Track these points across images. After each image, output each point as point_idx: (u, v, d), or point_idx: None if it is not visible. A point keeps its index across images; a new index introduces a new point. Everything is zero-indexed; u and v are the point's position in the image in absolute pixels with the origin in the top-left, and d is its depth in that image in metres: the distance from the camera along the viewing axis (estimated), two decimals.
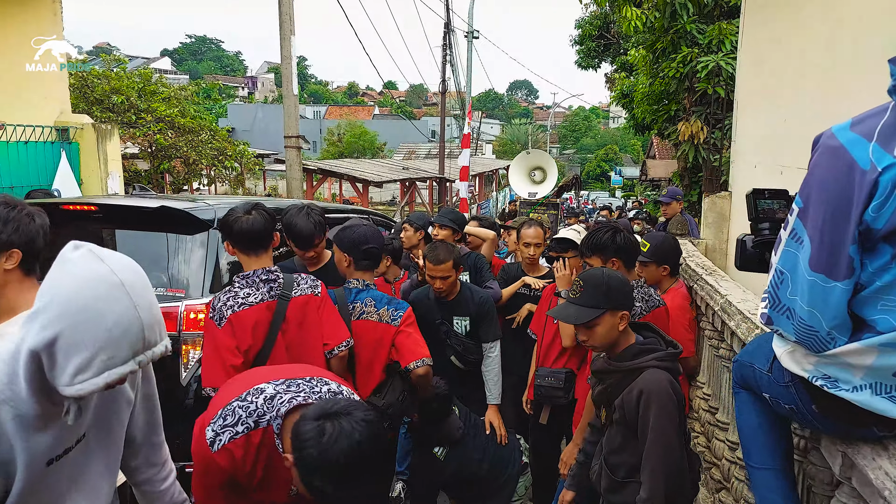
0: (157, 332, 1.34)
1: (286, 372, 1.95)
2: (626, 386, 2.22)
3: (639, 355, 2.27)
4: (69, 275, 1.27)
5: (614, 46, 18.21)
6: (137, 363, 1.29)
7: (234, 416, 1.78)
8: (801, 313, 1.42)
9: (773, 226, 1.86)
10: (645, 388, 2.15)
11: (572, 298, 2.30)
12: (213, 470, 1.78)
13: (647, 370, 2.21)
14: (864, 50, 3.23)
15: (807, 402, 1.57)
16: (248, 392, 1.83)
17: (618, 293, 2.27)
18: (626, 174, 49.58)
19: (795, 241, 1.42)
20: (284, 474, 1.76)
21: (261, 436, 1.78)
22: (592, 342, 2.30)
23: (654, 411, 2.12)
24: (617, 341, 2.30)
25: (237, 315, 2.56)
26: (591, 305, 2.24)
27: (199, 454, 1.79)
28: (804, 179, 1.42)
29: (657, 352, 2.28)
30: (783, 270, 1.46)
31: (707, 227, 5.69)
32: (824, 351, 1.41)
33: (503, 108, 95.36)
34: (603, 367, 2.36)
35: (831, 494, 1.93)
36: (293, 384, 1.85)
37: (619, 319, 2.26)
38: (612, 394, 2.30)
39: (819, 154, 1.39)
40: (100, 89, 12.26)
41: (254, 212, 2.68)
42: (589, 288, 2.27)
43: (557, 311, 2.37)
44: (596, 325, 2.24)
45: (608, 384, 2.33)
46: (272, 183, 36.28)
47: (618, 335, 2.28)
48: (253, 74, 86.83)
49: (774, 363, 1.68)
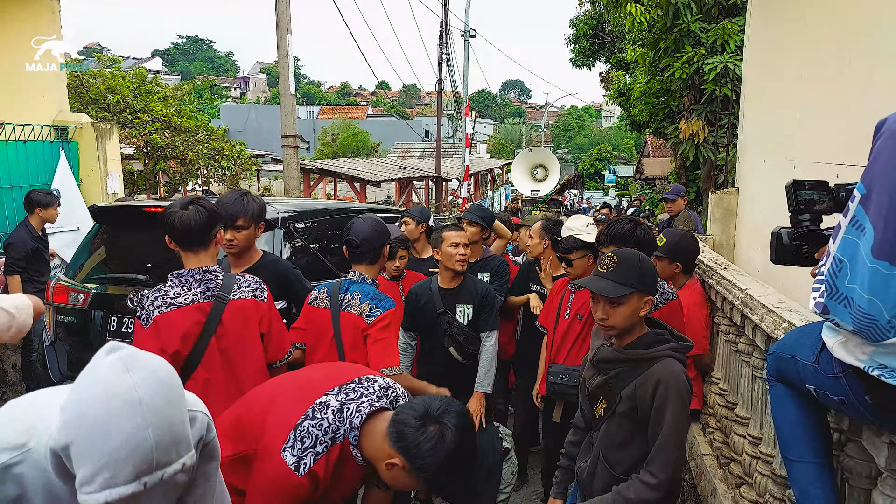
0: (172, 452, 1.24)
1: (328, 376, 1.95)
2: (636, 376, 2.17)
3: (654, 344, 2.22)
4: (92, 383, 1.24)
5: (609, 45, 18.25)
6: (143, 484, 1.20)
7: (310, 436, 1.79)
8: (860, 302, 1.39)
9: (814, 217, 1.84)
10: (663, 377, 2.10)
11: (602, 272, 2.24)
12: (298, 492, 1.77)
13: (663, 359, 2.16)
14: (878, 41, 3.21)
15: (859, 393, 1.55)
16: (314, 409, 1.83)
17: (649, 277, 2.24)
18: (620, 173, 49.69)
19: (856, 228, 1.40)
20: (350, 476, 1.83)
21: (339, 450, 1.81)
22: (613, 321, 2.22)
23: (672, 401, 2.07)
24: (632, 327, 2.24)
25: (164, 316, 2.41)
26: (622, 282, 2.18)
27: (278, 480, 1.76)
28: (867, 166, 1.39)
29: (671, 342, 2.24)
30: (842, 258, 1.44)
31: (714, 222, 5.68)
32: (883, 340, 1.39)
33: (496, 108, 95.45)
34: (612, 355, 2.29)
35: (870, 487, 1.91)
36: (348, 390, 1.88)
37: (643, 304, 2.21)
38: (617, 384, 2.23)
39: (884, 139, 1.37)
40: (95, 89, 12.16)
41: (191, 206, 2.51)
42: (622, 265, 2.21)
43: (590, 280, 2.29)
44: (621, 304, 2.18)
45: (614, 374, 2.26)
46: (266, 183, 36.20)
47: (636, 321, 2.22)
48: (245, 75, 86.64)
49: (822, 354, 1.66)
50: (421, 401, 1.82)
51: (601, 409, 2.31)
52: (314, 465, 1.76)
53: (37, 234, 5.61)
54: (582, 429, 2.56)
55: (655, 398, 2.09)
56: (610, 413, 2.25)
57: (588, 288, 2.26)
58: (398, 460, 1.76)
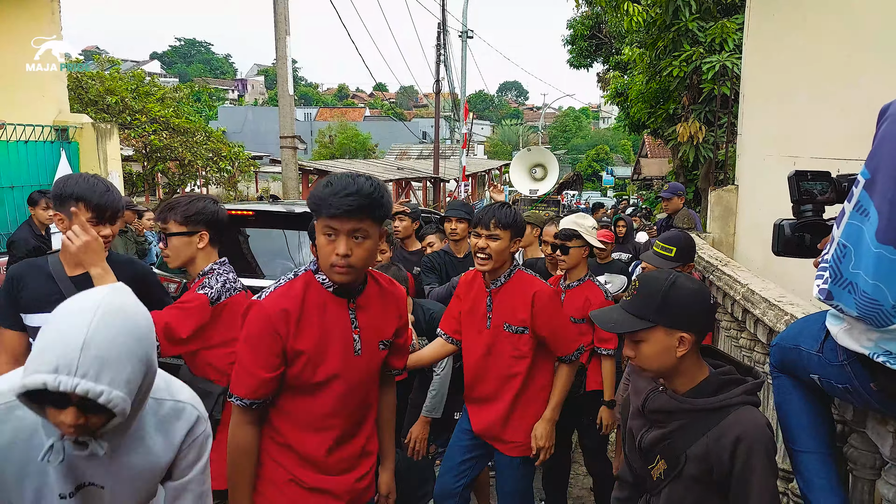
0: (96, 367, 1.25)
1: None
2: (705, 430, 1.71)
3: (722, 389, 1.75)
4: (79, 293, 1.37)
5: (606, 46, 18.30)
6: (57, 381, 1.22)
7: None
8: (865, 287, 1.40)
9: (816, 208, 1.85)
10: (744, 434, 1.65)
11: (622, 301, 1.86)
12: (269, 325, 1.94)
13: (738, 409, 1.70)
14: (878, 37, 3.24)
15: (864, 380, 1.56)
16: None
17: (678, 308, 1.73)
18: (618, 174, 49.73)
19: (861, 213, 1.41)
20: (337, 320, 1.98)
21: (303, 282, 1.97)
22: (639, 362, 1.81)
23: (758, 463, 1.63)
24: (679, 370, 1.78)
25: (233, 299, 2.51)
26: (636, 314, 1.77)
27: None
28: (871, 151, 1.41)
29: (741, 382, 1.76)
30: (846, 244, 1.45)
31: (714, 220, 5.70)
32: (888, 326, 1.40)
33: (493, 109, 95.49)
34: (669, 405, 1.79)
35: (875, 478, 1.93)
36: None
37: (677, 342, 1.73)
38: (680, 442, 1.76)
39: (888, 125, 1.38)
40: (94, 91, 12.18)
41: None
42: (643, 291, 1.80)
43: (600, 313, 1.93)
44: (641, 341, 1.77)
45: (674, 428, 1.78)
46: (264, 185, 36.19)
47: (675, 362, 1.75)
48: (243, 77, 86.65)
49: (826, 343, 1.67)
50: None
51: (660, 471, 1.84)
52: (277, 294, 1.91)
53: (39, 233, 5.63)
54: (631, 484, 2.08)
55: (736, 461, 1.65)
56: (673, 476, 1.79)
57: (596, 321, 1.90)
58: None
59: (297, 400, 1.95)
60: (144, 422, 1.54)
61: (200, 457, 1.67)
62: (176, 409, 1.59)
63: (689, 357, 1.75)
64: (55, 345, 1.25)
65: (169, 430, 1.58)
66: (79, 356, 1.25)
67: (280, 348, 1.86)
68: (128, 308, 1.37)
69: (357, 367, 1.99)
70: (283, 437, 1.97)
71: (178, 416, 1.60)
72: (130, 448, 1.53)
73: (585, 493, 4.45)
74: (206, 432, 1.67)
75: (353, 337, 1.98)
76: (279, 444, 1.97)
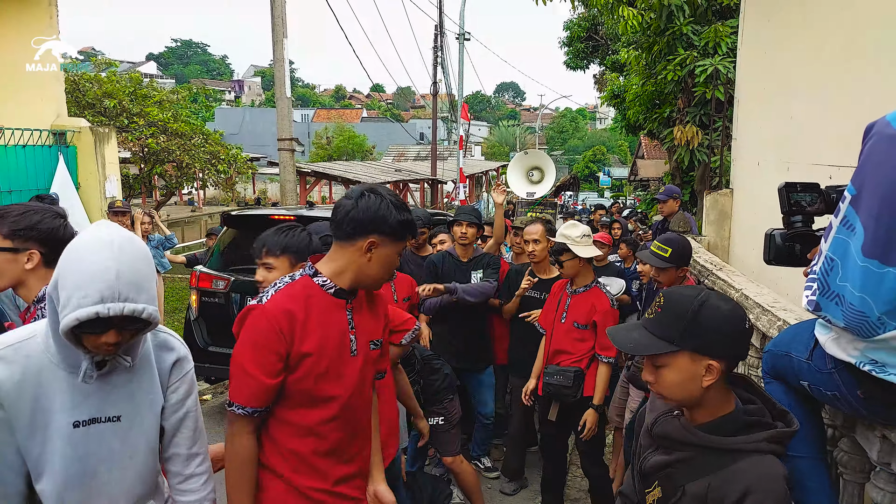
0: (133, 290, 1.49)
1: None
2: (712, 470, 1.54)
3: (744, 430, 1.57)
4: (80, 235, 1.55)
5: (602, 48, 18.33)
6: (107, 309, 1.45)
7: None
8: (852, 299, 1.44)
9: (806, 219, 1.89)
10: (756, 486, 1.45)
11: (644, 319, 1.67)
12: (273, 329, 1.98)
13: (753, 456, 1.52)
14: (873, 42, 3.27)
15: (851, 388, 1.60)
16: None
17: (708, 332, 1.53)
18: (615, 175, 49.83)
19: (847, 228, 1.45)
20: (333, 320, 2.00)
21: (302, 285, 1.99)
22: (659, 389, 1.62)
23: None
24: (702, 401, 1.59)
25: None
26: (660, 335, 1.58)
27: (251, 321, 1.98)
28: (857, 167, 1.45)
29: (767, 427, 1.57)
30: (833, 257, 1.49)
31: (709, 224, 5.74)
32: (873, 336, 1.45)
33: (491, 110, 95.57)
34: (679, 434, 1.63)
35: (864, 481, 1.97)
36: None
37: (705, 371, 1.54)
38: (682, 474, 1.61)
39: (875, 142, 1.42)
40: (91, 93, 12.19)
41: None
42: (666, 310, 1.60)
43: (618, 332, 1.74)
44: (663, 367, 1.58)
45: (679, 459, 1.63)
46: (261, 186, 36.19)
47: (701, 392, 1.56)
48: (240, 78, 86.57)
49: (815, 350, 1.71)
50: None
51: (654, 498, 1.70)
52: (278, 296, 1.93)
53: None
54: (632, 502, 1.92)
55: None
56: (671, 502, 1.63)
57: (611, 338, 1.74)
58: (373, 238, 1.92)
59: (297, 405, 1.96)
60: (148, 347, 1.73)
61: (190, 392, 1.84)
62: (167, 341, 1.79)
63: (714, 387, 1.56)
64: (93, 280, 1.46)
65: (161, 358, 1.76)
66: (118, 285, 1.47)
67: (285, 351, 1.87)
68: (130, 236, 1.58)
69: (354, 367, 2.02)
70: (282, 445, 1.96)
71: (168, 346, 1.79)
72: (141, 371, 1.70)
73: (583, 496, 4.49)
74: (192, 370, 1.86)
75: (349, 337, 2.01)
76: (277, 451, 1.97)
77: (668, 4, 8.61)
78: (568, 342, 3.83)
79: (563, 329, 3.85)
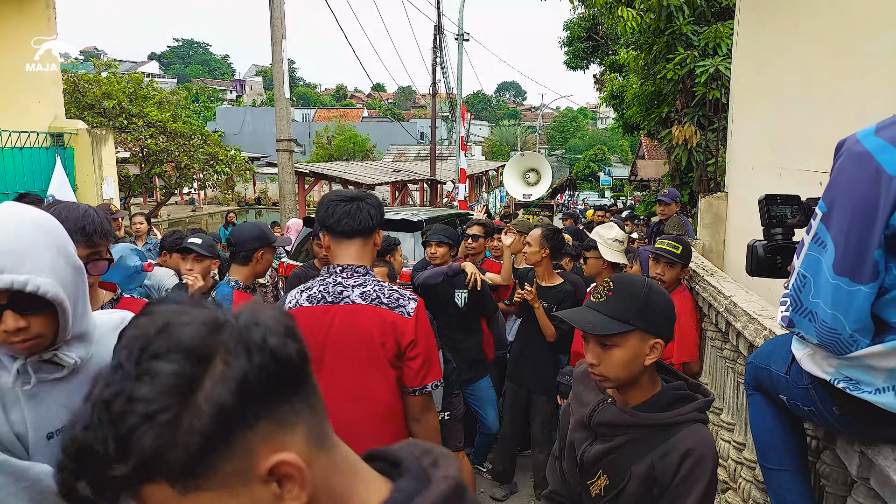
0: (11, 260, 1.29)
1: None
2: (652, 448, 1.63)
3: (674, 405, 1.68)
4: None
5: (602, 48, 18.33)
6: None
7: None
8: (824, 316, 1.44)
9: (786, 231, 1.89)
10: (692, 450, 1.59)
11: (593, 302, 1.74)
12: None
13: (689, 425, 1.64)
14: (866, 48, 3.26)
15: (827, 404, 1.60)
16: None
17: (657, 314, 1.66)
18: (615, 174, 49.80)
19: (819, 245, 1.45)
20: None
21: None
22: (604, 369, 1.68)
23: (703, 481, 1.58)
24: (638, 380, 1.69)
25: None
26: (615, 316, 1.66)
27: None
28: (828, 185, 1.45)
29: (691, 399, 1.70)
30: (805, 274, 1.49)
31: (703, 228, 5.73)
32: (846, 353, 1.45)
33: (491, 110, 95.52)
34: (617, 418, 1.69)
35: (846, 495, 1.96)
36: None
37: (649, 349, 1.65)
38: (624, 458, 1.68)
39: (844, 160, 1.42)
40: (91, 94, 12.20)
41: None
42: (620, 293, 1.69)
43: (573, 311, 1.82)
44: (614, 346, 1.65)
45: (620, 444, 1.69)
46: (262, 186, 36.20)
47: (640, 371, 1.67)
48: (241, 77, 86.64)
49: (793, 365, 1.71)
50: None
51: (601, 486, 1.74)
52: None
53: None
54: (563, 499, 1.95)
55: (679, 472, 1.59)
56: (614, 494, 1.70)
57: (568, 320, 1.79)
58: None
59: None
60: (108, 341, 1.56)
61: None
62: (124, 320, 1.64)
63: (650, 368, 1.69)
64: None
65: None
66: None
67: None
68: (24, 209, 1.39)
69: None
70: None
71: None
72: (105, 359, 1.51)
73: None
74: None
75: None
76: None
77: (667, 5, 8.59)
78: (581, 345, 3.82)
79: (580, 331, 3.84)
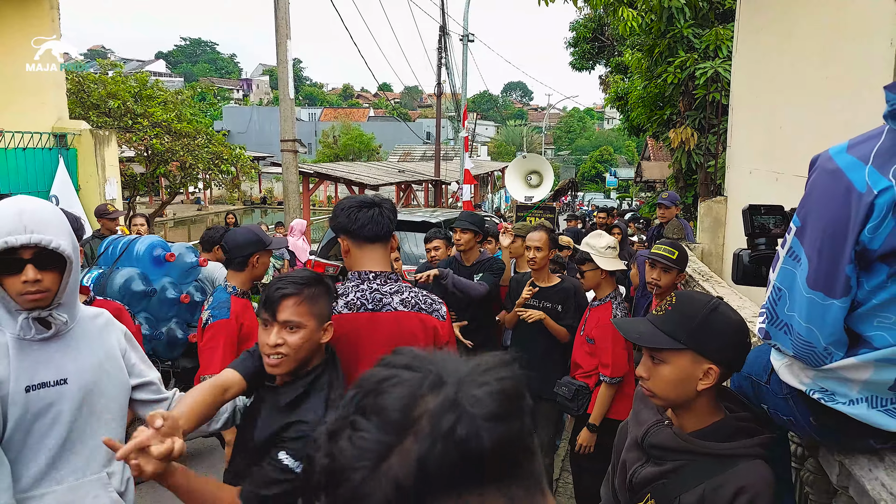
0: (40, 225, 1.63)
1: None
2: (706, 478, 1.54)
3: (736, 436, 1.58)
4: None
5: (608, 48, 18.32)
6: (15, 239, 1.59)
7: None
8: (799, 329, 1.46)
9: (770, 241, 1.90)
10: (748, 487, 1.48)
11: (652, 315, 1.67)
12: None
13: (748, 460, 1.53)
14: (862, 54, 3.27)
15: (804, 414, 1.61)
16: None
17: (715, 336, 1.56)
18: (621, 175, 49.74)
19: (793, 259, 1.47)
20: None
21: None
22: (652, 385, 1.61)
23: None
24: (693, 406, 1.60)
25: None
26: (667, 332, 1.58)
27: None
28: (802, 200, 1.46)
29: (756, 433, 1.59)
30: (781, 287, 1.50)
31: (703, 231, 5.74)
32: (822, 365, 1.46)
33: (498, 110, 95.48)
34: (672, 443, 1.62)
35: (828, 502, 1.97)
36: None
37: (703, 374, 1.56)
38: (676, 484, 1.59)
39: (816, 176, 1.43)
40: (96, 94, 12.26)
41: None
42: (678, 310, 1.61)
43: (626, 322, 1.79)
44: (663, 362, 1.58)
45: (673, 468, 1.61)
46: (268, 185, 36.31)
47: (693, 396, 1.58)
48: (248, 77, 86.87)
49: (772, 375, 1.72)
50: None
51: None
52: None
53: None
54: None
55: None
56: None
57: (619, 329, 1.74)
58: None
59: None
60: (90, 324, 1.88)
61: (141, 354, 2.05)
62: (108, 320, 1.97)
63: (707, 393, 1.58)
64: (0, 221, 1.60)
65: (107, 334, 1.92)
66: (22, 220, 1.61)
67: None
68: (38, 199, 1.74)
69: None
70: None
71: (111, 324, 1.97)
72: (83, 337, 1.84)
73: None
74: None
75: None
76: None
77: (668, 6, 8.60)
78: (580, 355, 3.79)
79: (579, 341, 3.80)
